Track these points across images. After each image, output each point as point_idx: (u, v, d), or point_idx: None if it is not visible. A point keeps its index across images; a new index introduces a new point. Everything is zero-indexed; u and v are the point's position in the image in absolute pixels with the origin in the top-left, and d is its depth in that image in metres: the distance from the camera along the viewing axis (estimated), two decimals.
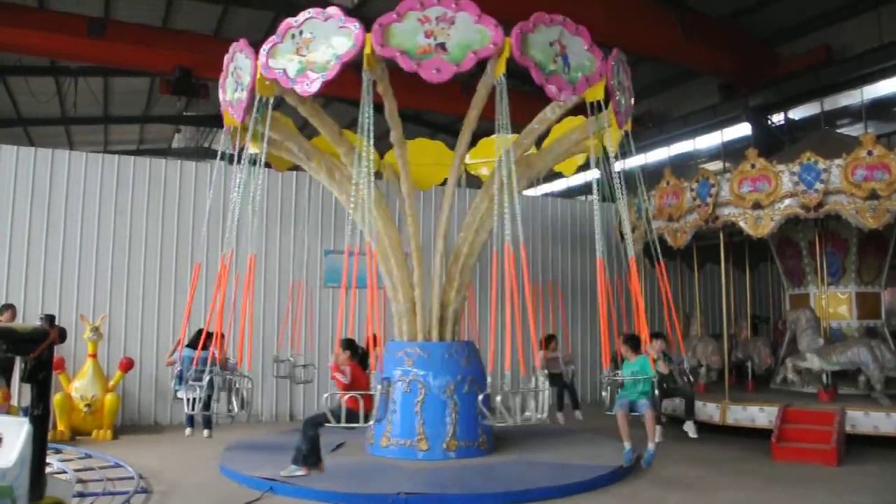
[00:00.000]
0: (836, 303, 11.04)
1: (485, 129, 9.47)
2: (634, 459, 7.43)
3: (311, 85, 7.15)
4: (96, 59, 15.86)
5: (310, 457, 6.86)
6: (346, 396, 6.39)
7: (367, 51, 6.95)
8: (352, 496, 6.56)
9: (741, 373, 11.57)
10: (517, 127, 8.35)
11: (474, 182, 11.80)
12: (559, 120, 9.05)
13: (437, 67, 6.92)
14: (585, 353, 14.18)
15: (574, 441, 8.93)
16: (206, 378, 7.38)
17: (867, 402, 9.26)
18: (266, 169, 10.35)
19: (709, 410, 9.81)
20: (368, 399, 6.30)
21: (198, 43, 15.79)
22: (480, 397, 6.53)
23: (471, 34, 7.01)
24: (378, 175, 10.65)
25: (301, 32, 7.29)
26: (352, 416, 6.33)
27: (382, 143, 9.08)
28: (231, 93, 8.14)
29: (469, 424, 8.18)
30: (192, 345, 8.59)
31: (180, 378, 8.42)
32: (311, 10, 7.27)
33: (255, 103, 7.64)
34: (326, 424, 6.50)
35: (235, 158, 8.19)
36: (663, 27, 14.74)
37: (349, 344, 7.15)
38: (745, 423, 9.45)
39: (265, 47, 7.39)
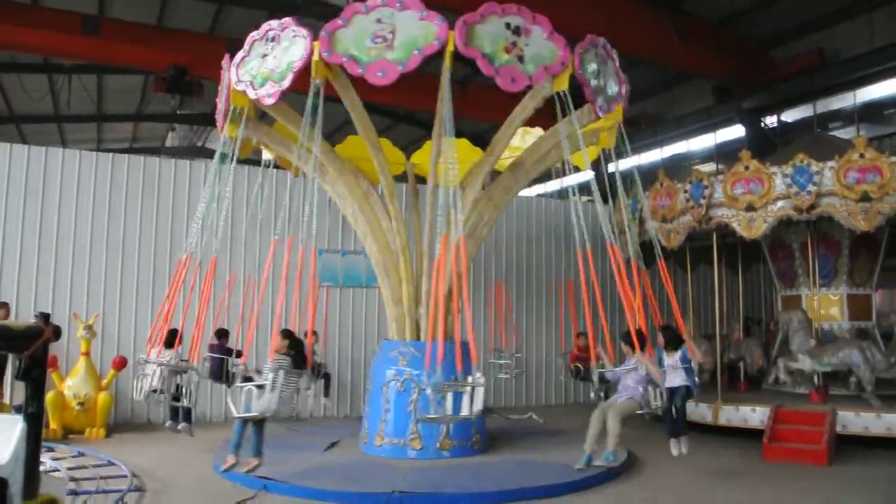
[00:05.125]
0: (827, 304, 11.12)
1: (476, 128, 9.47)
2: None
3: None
4: (90, 57, 15.80)
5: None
6: None
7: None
8: (345, 494, 6.56)
9: (733, 373, 11.61)
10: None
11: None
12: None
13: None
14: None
15: (567, 441, 8.95)
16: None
17: (858, 403, 9.33)
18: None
19: (701, 411, 9.85)
20: None
21: (192, 41, 15.76)
22: None
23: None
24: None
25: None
26: None
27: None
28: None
29: (462, 424, 8.16)
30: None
31: None
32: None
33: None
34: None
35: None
36: (658, 30, 14.79)
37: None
38: (738, 423, 9.51)
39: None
